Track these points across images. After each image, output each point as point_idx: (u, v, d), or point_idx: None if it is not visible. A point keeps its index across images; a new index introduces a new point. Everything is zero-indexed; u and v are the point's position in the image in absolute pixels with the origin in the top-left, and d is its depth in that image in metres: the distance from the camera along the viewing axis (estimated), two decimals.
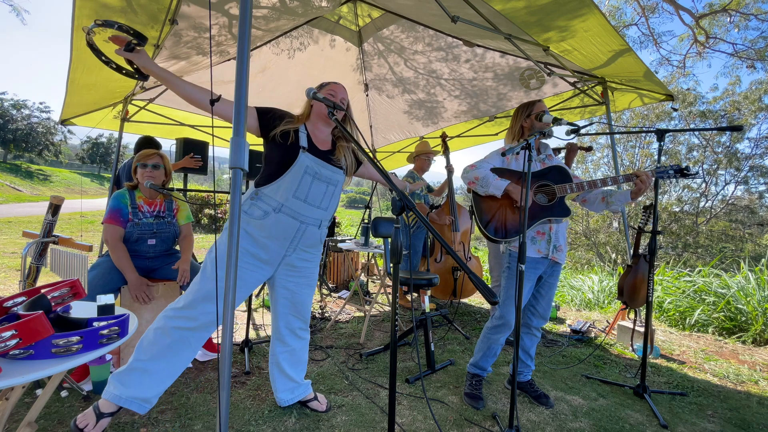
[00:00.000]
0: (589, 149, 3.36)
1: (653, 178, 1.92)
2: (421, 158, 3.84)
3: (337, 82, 1.77)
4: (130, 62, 1.38)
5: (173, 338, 1.49)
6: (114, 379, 1.49)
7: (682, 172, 1.95)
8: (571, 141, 3.10)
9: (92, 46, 1.35)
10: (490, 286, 2.79)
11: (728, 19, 9.55)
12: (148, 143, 3.32)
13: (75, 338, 1.04)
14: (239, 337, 2.74)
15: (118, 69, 1.40)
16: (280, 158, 1.59)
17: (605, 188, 2.04)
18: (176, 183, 3.76)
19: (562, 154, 3.15)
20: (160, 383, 1.50)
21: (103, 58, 1.38)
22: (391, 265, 1.23)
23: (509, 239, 1.98)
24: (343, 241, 3.88)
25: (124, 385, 1.46)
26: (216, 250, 1.50)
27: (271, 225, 1.57)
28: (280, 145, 1.59)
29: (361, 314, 3.59)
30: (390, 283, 3.47)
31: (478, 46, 3.36)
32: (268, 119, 1.61)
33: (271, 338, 1.85)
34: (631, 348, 2.98)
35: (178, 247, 2.41)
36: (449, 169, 3.75)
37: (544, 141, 2.10)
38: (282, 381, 1.83)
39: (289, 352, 1.82)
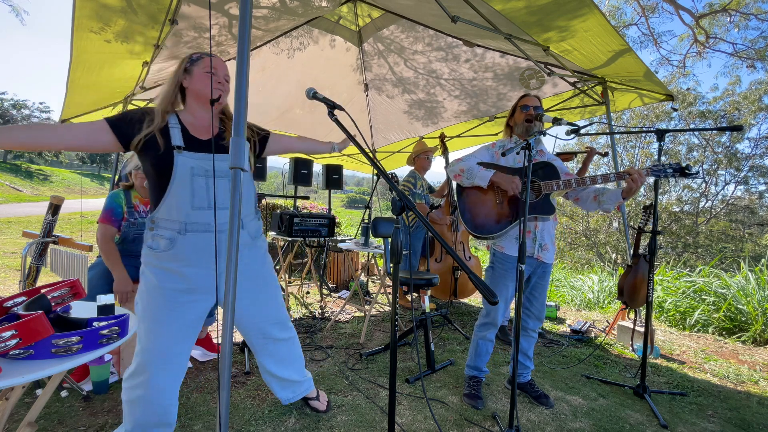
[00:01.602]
0: (605, 155, 3.39)
1: (647, 177, 1.84)
2: (420, 158, 3.84)
3: (214, 55, 1.48)
4: None
5: (143, 404, 1.38)
6: None
7: (682, 172, 1.83)
8: (590, 146, 3.14)
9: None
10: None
11: (728, 18, 9.56)
12: None
13: (75, 338, 1.04)
14: (239, 337, 2.74)
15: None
16: (156, 168, 1.33)
17: (598, 186, 1.97)
18: None
19: (576, 158, 3.18)
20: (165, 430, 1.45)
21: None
22: (391, 265, 1.23)
23: (492, 235, 1.96)
24: (343, 241, 3.88)
25: None
26: (138, 306, 1.38)
27: (184, 251, 1.34)
28: (150, 153, 1.32)
29: (361, 314, 3.59)
30: (390, 283, 3.47)
31: (478, 46, 3.36)
32: (125, 127, 1.31)
33: (255, 356, 1.69)
34: (631, 348, 2.98)
35: None
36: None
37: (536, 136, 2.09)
38: (278, 384, 1.73)
39: (276, 357, 1.68)
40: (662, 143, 2.03)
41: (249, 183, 1.49)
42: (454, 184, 2.16)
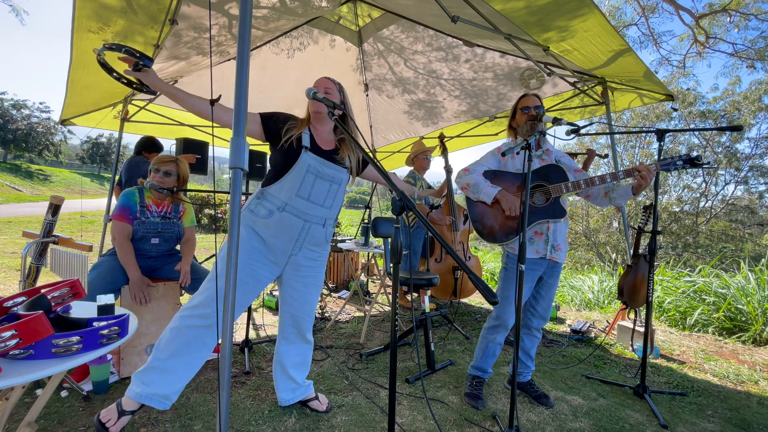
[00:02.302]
0: (605, 156, 3.41)
1: (656, 172, 1.85)
2: (419, 158, 3.84)
3: (326, 77, 1.77)
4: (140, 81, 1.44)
5: (188, 337, 1.52)
6: (136, 378, 1.53)
7: (692, 162, 1.82)
8: (590, 147, 3.14)
9: (104, 65, 1.40)
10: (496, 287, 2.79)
11: (728, 19, 9.56)
12: (149, 143, 3.32)
13: (75, 338, 1.04)
14: (239, 337, 2.74)
15: (129, 84, 1.45)
16: (284, 159, 1.62)
17: (607, 183, 1.98)
18: None
19: (576, 159, 3.19)
20: (178, 380, 1.54)
21: (115, 74, 1.44)
22: (391, 265, 1.23)
23: (507, 241, 1.97)
24: (343, 241, 3.88)
25: (145, 384, 1.50)
26: (217, 256, 1.51)
27: (276, 223, 1.60)
28: (284, 147, 1.62)
29: (361, 314, 3.59)
30: (390, 283, 3.47)
31: (478, 46, 3.36)
32: (272, 124, 1.64)
33: (278, 337, 1.86)
34: (631, 348, 2.98)
35: (179, 248, 2.42)
36: (448, 170, 3.75)
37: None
38: (284, 381, 1.84)
39: (295, 353, 1.84)
40: (662, 143, 2.03)
41: (343, 194, 1.78)
42: (461, 193, 2.17)
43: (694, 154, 1.85)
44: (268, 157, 1.72)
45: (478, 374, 2.14)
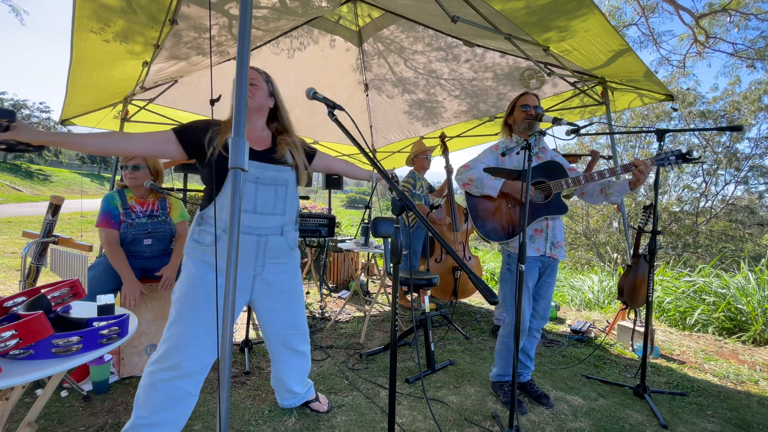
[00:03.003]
0: (609, 158, 3.42)
1: (652, 167, 1.87)
2: (420, 158, 3.84)
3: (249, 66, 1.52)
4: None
5: (165, 391, 1.38)
6: None
7: (684, 158, 1.87)
8: (593, 149, 3.17)
9: None
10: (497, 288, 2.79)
11: (728, 18, 9.55)
12: None
13: (75, 338, 1.04)
14: (239, 337, 2.74)
15: (9, 149, 1.19)
16: (213, 173, 1.43)
17: (603, 180, 1.99)
18: (176, 183, 3.76)
19: (579, 161, 3.19)
20: (173, 430, 1.43)
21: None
22: (391, 265, 1.23)
23: (508, 240, 1.97)
24: (343, 241, 3.88)
25: None
26: (177, 291, 1.41)
27: (226, 249, 1.43)
28: (211, 159, 1.43)
29: (361, 314, 3.59)
30: (390, 283, 3.47)
31: (478, 46, 3.36)
32: (190, 137, 1.43)
33: (271, 360, 1.76)
34: (631, 348, 2.98)
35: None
36: (448, 170, 3.75)
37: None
38: (285, 394, 1.82)
39: (291, 367, 1.75)
40: (662, 143, 2.03)
41: (294, 194, 1.60)
42: (461, 191, 2.15)
43: (685, 150, 1.88)
44: (200, 175, 1.54)
45: (505, 379, 2.12)
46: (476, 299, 4.41)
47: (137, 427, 1.38)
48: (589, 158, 3.30)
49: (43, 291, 1.22)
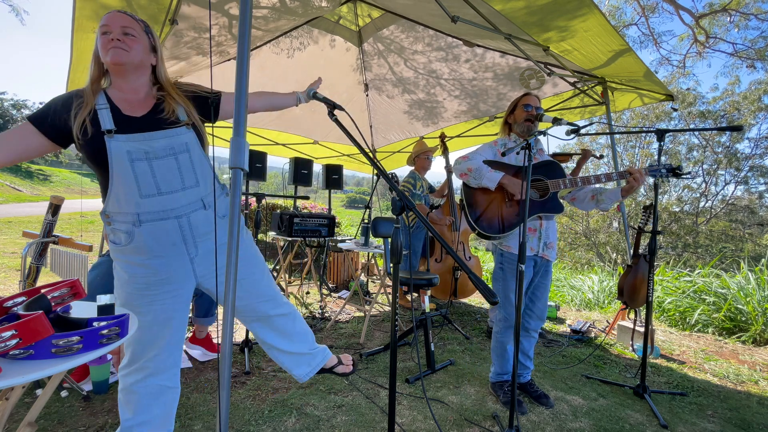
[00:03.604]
0: (600, 157, 3.41)
1: (647, 177, 1.90)
2: (421, 158, 3.84)
3: (118, 11, 1.25)
4: None
5: (140, 392, 1.34)
6: None
7: (674, 172, 1.91)
8: (586, 148, 3.14)
9: None
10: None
11: (728, 18, 9.56)
12: None
13: (75, 338, 1.04)
14: (239, 337, 2.74)
15: None
16: (93, 159, 1.19)
17: (595, 186, 2.02)
18: None
19: (572, 159, 3.17)
20: (163, 424, 1.39)
21: None
22: (391, 265, 1.23)
23: (500, 235, 1.96)
24: (343, 241, 3.88)
25: None
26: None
27: (144, 242, 1.24)
28: (82, 142, 1.17)
29: (361, 314, 3.59)
30: (390, 283, 3.47)
31: (478, 46, 3.36)
32: (51, 122, 1.17)
33: (257, 338, 1.59)
34: (631, 348, 2.98)
35: None
36: (448, 170, 3.75)
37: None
38: (288, 358, 1.60)
39: (276, 333, 1.57)
40: (662, 143, 2.04)
41: (201, 157, 1.33)
42: (459, 182, 2.15)
43: (677, 165, 1.93)
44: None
45: (504, 378, 2.12)
46: (476, 299, 4.41)
47: (127, 429, 1.35)
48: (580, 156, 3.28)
49: (43, 291, 1.22)
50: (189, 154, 1.28)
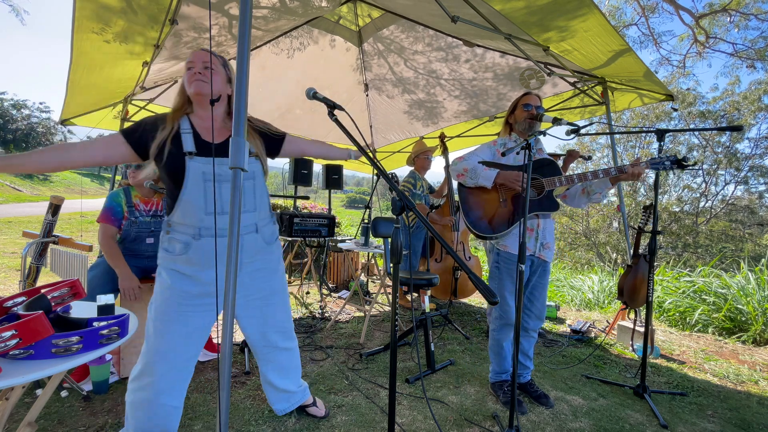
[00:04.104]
0: (588, 158, 3.39)
1: (646, 170, 1.87)
2: (421, 158, 3.84)
3: (203, 49, 1.43)
4: None
5: (148, 410, 1.38)
6: None
7: (679, 163, 1.85)
8: (572, 148, 3.13)
9: None
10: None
11: (728, 18, 9.55)
12: None
13: (75, 338, 1.04)
14: (239, 337, 2.74)
15: None
16: (170, 176, 1.35)
17: (585, 182, 1.99)
18: None
19: (559, 160, 3.16)
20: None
21: None
22: (391, 265, 1.23)
23: (496, 235, 1.96)
24: (343, 241, 3.88)
25: None
26: (152, 311, 1.38)
27: (198, 255, 1.36)
28: (164, 160, 1.33)
29: (361, 314, 3.59)
30: (390, 283, 3.47)
31: (478, 46, 3.36)
32: (138, 138, 1.34)
33: (257, 360, 1.69)
34: (631, 348, 2.98)
35: None
36: (448, 170, 3.75)
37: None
38: (275, 394, 1.73)
39: (277, 366, 1.68)
40: (662, 143, 2.03)
41: (263, 186, 1.49)
42: (456, 183, 2.16)
43: (682, 156, 1.88)
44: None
45: (503, 378, 2.12)
46: (476, 299, 4.41)
47: None
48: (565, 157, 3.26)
49: (43, 291, 1.22)
50: (253, 182, 1.44)
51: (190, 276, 1.37)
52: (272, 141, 1.58)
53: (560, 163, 3.15)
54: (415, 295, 4.00)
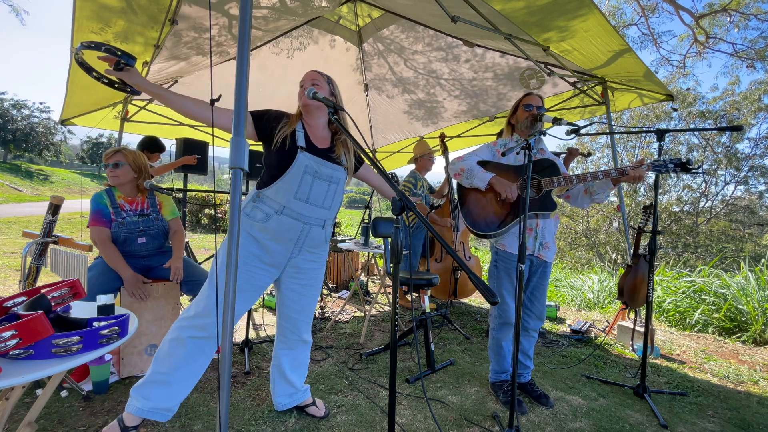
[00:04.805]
0: (588, 155, 3.36)
1: (648, 172, 1.85)
2: (424, 158, 3.84)
3: (314, 70, 1.69)
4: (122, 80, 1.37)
5: (189, 348, 1.50)
6: (135, 393, 1.50)
7: (683, 166, 1.82)
8: (572, 146, 3.11)
9: (82, 64, 1.35)
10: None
11: (728, 18, 9.56)
12: (151, 143, 3.31)
13: (75, 338, 1.04)
14: (239, 337, 2.74)
15: (110, 84, 1.39)
16: (279, 160, 1.57)
17: (588, 182, 1.98)
18: (176, 182, 3.76)
19: (559, 158, 3.17)
20: (180, 392, 1.52)
21: (94, 74, 1.37)
22: (391, 265, 1.23)
23: (494, 233, 1.96)
24: (343, 241, 3.88)
25: (147, 398, 1.47)
26: (217, 258, 1.48)
27: (274, 227, 1.56)
28: (278, 146, 1.56)
29: (361, 314, 3.59)
30: (390, 283, 3.47)
31: (478, 46, 3.36)
32: (264, 122, 1.58)
33: (275, 340, 1.82)
34: (631, 348, 2.98)
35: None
36: (448, 170, 3.75)
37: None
38: (282, 385, 1.80)
39: (292, 355, 1.80)
40: (662, 143, 2.03)
41: (341, 193, 1.73)
42: (455, 182, 2.16)
43: (686, 158, 1.85)
44: (263, 156, 1.67)
45: (503, 378, 2.12)
46: (476, 299, 4.41)
47: (152, 383, 1.49)
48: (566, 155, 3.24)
49: (43, 291, 1.22)
50: (337, 186, 1.67)
51: (260, 242, 1.57)
52: (357, 162, 1.81)
53: (561, 158, 3.16)
54: (415, 295, 4.00)
